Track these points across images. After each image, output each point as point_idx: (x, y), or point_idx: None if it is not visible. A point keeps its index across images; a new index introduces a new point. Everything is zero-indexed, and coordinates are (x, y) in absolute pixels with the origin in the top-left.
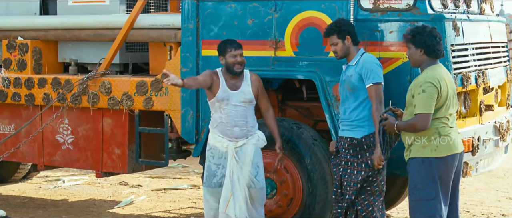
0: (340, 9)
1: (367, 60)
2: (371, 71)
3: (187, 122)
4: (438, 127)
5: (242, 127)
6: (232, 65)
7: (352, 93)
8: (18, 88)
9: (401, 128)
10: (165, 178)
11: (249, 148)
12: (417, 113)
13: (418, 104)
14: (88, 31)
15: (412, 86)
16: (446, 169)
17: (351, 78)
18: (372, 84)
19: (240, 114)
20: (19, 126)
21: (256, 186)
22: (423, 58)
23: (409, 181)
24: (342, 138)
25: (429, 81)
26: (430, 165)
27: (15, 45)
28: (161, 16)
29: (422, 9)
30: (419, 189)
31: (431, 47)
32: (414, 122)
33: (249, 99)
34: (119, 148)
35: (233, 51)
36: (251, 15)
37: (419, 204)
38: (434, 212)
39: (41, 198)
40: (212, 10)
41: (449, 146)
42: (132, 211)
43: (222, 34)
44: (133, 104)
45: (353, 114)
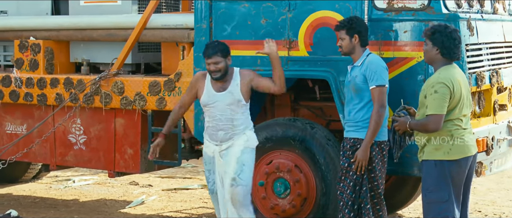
0: (354, 8)
1: (372, 61)
2: (375, 73)
3: (200, 122)
4: (451, 129)
5: (227, 130)
6: (210, 73)
7: (357, 95)
8: (30, 88)
9: (414, 127)
10: (175, 178)
11: (234, 148)
12: (429, 114)
13: (430, 105)
14: (100, 31)
15: (425, 86)
16: (458, 172)
17: (355, 79)
18: (375, 87)
19: (225, 117)
20: (31, 126)
21: (237, 184)
22: (437, 57)
23: (422, 182)
24: (346, 139)
25: (442, 82)
26: (442, 168)
27: (27, 45)
28: (174, 16)
29: (436, 8)
30: (431, 191)
31: (447, 48)
32: (426, 123)
33: (237, 100)
34: (132, 148)
35: (207, 59)
36: (264, 15)
37: (431, 206)
38: (447, 214)
39: (52, 198)
40: (225, 10)
41: (462, 149)
42: (143, 211)
43: (235, 34)
44: (146, 104)
45: (359, 115)
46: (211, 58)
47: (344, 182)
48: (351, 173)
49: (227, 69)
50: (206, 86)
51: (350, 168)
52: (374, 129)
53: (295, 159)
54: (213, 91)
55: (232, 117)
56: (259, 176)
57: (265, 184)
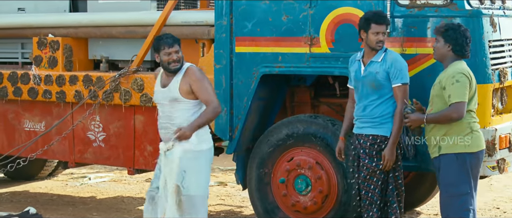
0: (377, 5)
1: (396, 58)
2: (400, 71)
3: (220, 119)
4: (470, 121)
5: (167, 129)
6: (167, 64)
7: (376, 91)
8: (49, 85)
9: (433, 120)
10: None
11: (175, 150)
12: (453, 102)
13: (453, 94)
14: (119, 28)
15: (442, 79)
16: (476, 164)
17: (377, 75)
18: (401, 85)
19: (165, 115)
20: (49, 123)
21: (183, 193)
22: (449, 54)
23: (441, 177)
24: (362, 136)
25: (461, 73)
26: (464, 161)
27: (46, 42)
28: (194, 13)
29: (459, 5)
30: (453, 185)
31: (460, 46)
32: (450, 112)
33: (173, 97)
34: (151, 145)
35: (167, 48)
36: (285, 12)
37: (453, 200)
38: (468, 206)
39: (69, 195)
40: (246, 7)
41: (480, 141)
42: None
43: (256, 30)
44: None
45: (377, 111)
46: (173, 47)
47: (371, 182)
48: (378, 172)
49: (183, 62)
50: (156, 82)
51: (377, 167)
52: (400, 127)
53: (316, 155)
54: (159, 87)
55: (171, 114)
56: (280, 173)
57: (286, 181)
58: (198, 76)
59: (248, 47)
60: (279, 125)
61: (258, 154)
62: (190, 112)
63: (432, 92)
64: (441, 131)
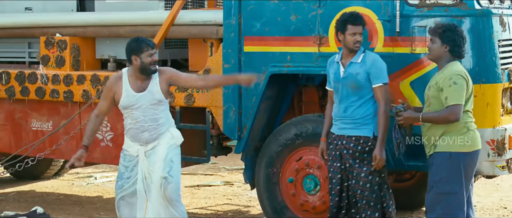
0: (386, 4)
1: (376, 59)
2: (381, 71)
3: (229, 119)
4: (467, 121)
5: (152, 131)
6: (149, 65)
7: (357, 92)
8: (57, 85)
9: (429, 120)
10: (196, 174)
11: (160, 148)
12: (451, 104)
13: (450, 96)
14: (127, 28)
15: (438, 80)
16: (471, 164)
17: (357, 76)
18: (382, 85)
19: (149, 118)
20: (57, 123)
21: (169, 182)
22: (445, 54)
23: (431, 174)
24: (344, 137)
25: (459, 74)
26: (457, 160)
27: (53, 42)
28: (202, 12)
29: (469, 4)
30: (444, 183)
31: (457, 46)
32: (447, 114)
33: (157, 100)
34: None
35: (150, 50)
36: (294, 11)
37: (441, 197)
38: (457, 206)
39: (76, 195)
40: (254, 6)
41: (476, 141)
42: None
43: (264, 30)
44: (174, 101)
45: (358, 112)
46: (154, 49)
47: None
48: (363, 174)
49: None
50: (124, 88)
51: (362, 169)
52: (386, 127)
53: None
54: (133, 92)
55: (156, 116)
56: (289, 172)
57: (294, 181)
58: (172, 69)
59: (256, 47)
60: (288, 124)
61: (267, 153)
62: (167, 111)
63: (428, 93)
64: (439, 131)
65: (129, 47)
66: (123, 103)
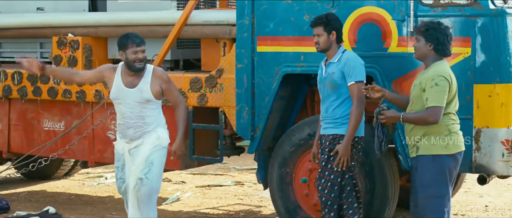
0: (400, 4)
1: (350, 58)
2: (353, 69)
3: (242, 118)
4: (448, 123)
5: (137, 129)
6: (133, 62)
7: (334, 91)
8: (69, 85)
9: (409, 120)
10: (206, 174)
11: (144, 147)
12: (430, 106)
13: (431, 98)
14: (140, 28)
15: (422, 80)
16: (454, 166)
17: (333, 75)
18: (354, 83)
19: (135, 115)
20: (69, 123)
21: (143, 184)
22: (430, 53)
23: (417, 178)
24: (325, 136)
25: (441, 75)
26: (441, 162)
27: (65, 42)
28: (215, 12)
29: (483, 4)
30: (429, 186)
31: (441, 44)
32: (426, 115)
33: (146, 99)
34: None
35: (135, 47)
36: (308, 11)
37: (429, 201)
38: (444, 209)
39: (87, 195)
40: (268, 6)
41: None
42: (180, 207)
43: (278, 30)
44: (186, 101)
45: (337, 112)
46: (140, 47)
47: (320, 182)
48: (327, 172)
49: (146, 63)
50: (115, 80)
51: (327, 167)
52: (355, 125)
53: None
54: (123, 86)
55: (142, 114)
56: (302, 172)
57: (307, 181)
58: (167, 78)
59: (270, 47)
60: (301, 124)
61: (280, 153)
62: (157, 111)
63: (413, 92)
64: (420, 131)
65: (118, 42)
66: (112, 95)
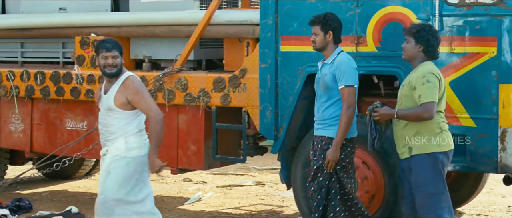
0: (425, 4)
1: (342, 61)
2: (344, 73)
3: (265, 118)
4: (439, 121)
5: (103, 136)
6: (103, 67)
7: (325, 92)
8: (92, 85)
9: (403, 116)
10: (227, 174)
11: (107, 156)
12: (424, 102)
13: (424, 94)
14: (163, 28)
15: (411, 79)
16: (448, 163)
17: (325, 77)
18: (345, 87)
19: (102, 121)
20: (92, 123)
21: (100, 193)
22: (419, 54)
23: (414, 178)
24: (315, 137)
25: (432, 73)
26: (436, 160)
27: (88, 42)
28: (238, 12)
29: (509, 3)
30: (427, 185)
31: (431, 46)
32: (421, 111)
33: (108, 107)
34: (195, 145)
35: (105, 52)
36: (332, 11)
37: (429, 200)
38: (444, 205)
39: None
40: (291, 6)
41: (450, 141)
42: (202, 207)
43: (301, 30)
44: (210, 101)
45: (327, 113)
46: (111, 52)
47: (317, 179)
48: (318, 174)
49: (121, 68)
50: (100, 88)
51: (318, 169)
52: (344, 129)
53: (362, 155)
54: (102, 92)
55: (106, 121)
56: None
57: None
58: (136, 88)
59: (293, 47)
60: None
61: (303, 153)
62: (125, 121)
63: (401, 91)
64: (412, 131)
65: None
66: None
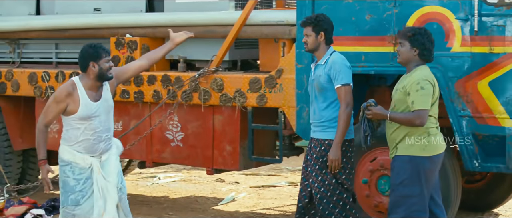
0: (463, 4)
1: (335, 60)
2: (339, 72)
3: (302, 119)
4: (428, 126)
5: (107, 141)
6: (106, 71)
7: (321, 94)
8: (127, 85)
9: (396, 120)
10: (259, 175)
11: (112, 158)
12: (416, 109)
13: (416, 101)
14: (198, 28)
15: (406, 84)
16: (431, 168)
17: (320, 78)
18: (341, 86)
19: (105, 127)
20: (127, 123)
21: (123, 194)
22: (414, 58)
23: (392, 177)
24: (313, 140)
25: (426, 79)
26: (416, 163)
27: (123, 42)
28: (274, 12)
29: None
30: (404, 186)
31: (427, 50)
32: (413, 117)
33: (111, 106)
34: (231, 145)
35: (107, 56)
36: (369, 11)
37: (402, 199)
38: (418, 208)
39: (142, 195)
40: (328, 6)
41: (435, 146)
42: (236, 208)
43: (338, 30)
44: (246, 101)
45: (324, 115)
46: (108, 56)
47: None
48: (320, 177)
49: None
50: (81, 97)
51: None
52: (344, 128)
53: None
54: (90, 101)
55: (109, 125)
56: (363, 173)
57: (368, 182)
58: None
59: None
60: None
61: None
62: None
63: (395, 96)
64: (401, 133)
65: (87, 54)
66: (82, 114)
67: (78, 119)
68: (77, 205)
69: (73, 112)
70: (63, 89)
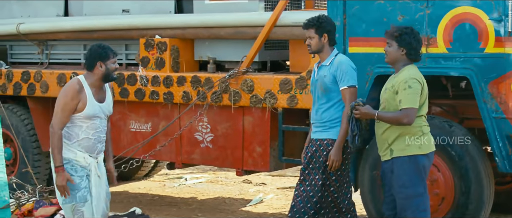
0: (497, 4)
1: (342, 62)
2: (345, 74)
3: None
4: (421, 125)
5: (103, 142)
6: (112, 72)
7: (324, 94)
8: (156, 86)
9: (384, 119)
10: (285, 176)
11: (102, 159)
12: (404, 108)
13: (404, 99)
14: (228, 29)
15: (394, 83)
16: (428, 165)
17: (324, 79)
18: (347, 87)
19: (103, 129)
20: (156, 124)
21: (108, 196)
22: (402, 58)
23: (395, 179)
24: (313, 140)
25: (414, 78)
26: (416, 162)
27: (153, 43)
28: (304, 13)
29: None
30: (407, 187)
31: (414, 50)
32: (401, 116)
33: (110, 112)
34: (261, 146)
35: (114, 57)
36: (401, 11)
37: (409, 201)
38: (424, 207)
39: (170, 196)
40: (359, 7)
41: (430, 144)
42: (264, 209)
43: (370, 31)
44: (276, 102)
45: (326, 115)
46: (115, 57)
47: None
48: (318, 176)
49: None
50: (88, 96)
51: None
52: (346, 129)
53: None
54: (95, 102)
55: (105, 127)
56: None
57: None
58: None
59: (361, 48)
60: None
61: (371, 155)
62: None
63: (384, 95)
64: (394, 134)
65: (96, 53)
66: (89, 112)
67: (83, 117)
68: (86, 201)
69: (80, 110)
70: (72, 86)
